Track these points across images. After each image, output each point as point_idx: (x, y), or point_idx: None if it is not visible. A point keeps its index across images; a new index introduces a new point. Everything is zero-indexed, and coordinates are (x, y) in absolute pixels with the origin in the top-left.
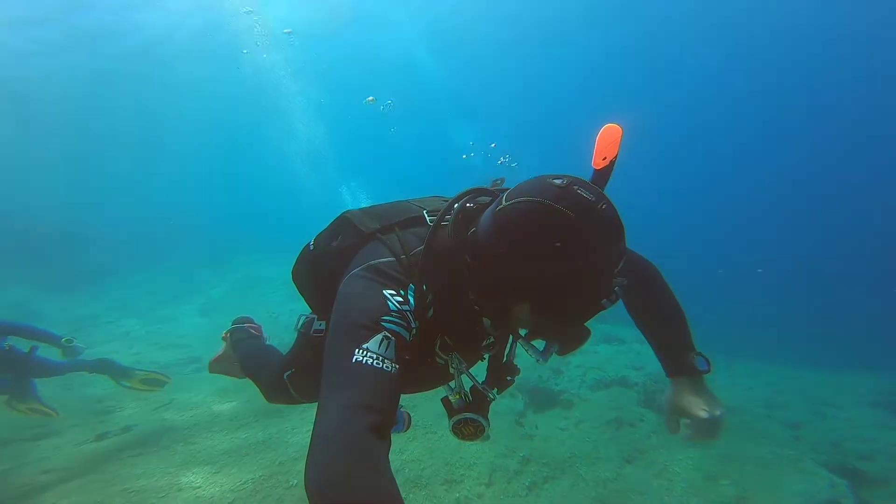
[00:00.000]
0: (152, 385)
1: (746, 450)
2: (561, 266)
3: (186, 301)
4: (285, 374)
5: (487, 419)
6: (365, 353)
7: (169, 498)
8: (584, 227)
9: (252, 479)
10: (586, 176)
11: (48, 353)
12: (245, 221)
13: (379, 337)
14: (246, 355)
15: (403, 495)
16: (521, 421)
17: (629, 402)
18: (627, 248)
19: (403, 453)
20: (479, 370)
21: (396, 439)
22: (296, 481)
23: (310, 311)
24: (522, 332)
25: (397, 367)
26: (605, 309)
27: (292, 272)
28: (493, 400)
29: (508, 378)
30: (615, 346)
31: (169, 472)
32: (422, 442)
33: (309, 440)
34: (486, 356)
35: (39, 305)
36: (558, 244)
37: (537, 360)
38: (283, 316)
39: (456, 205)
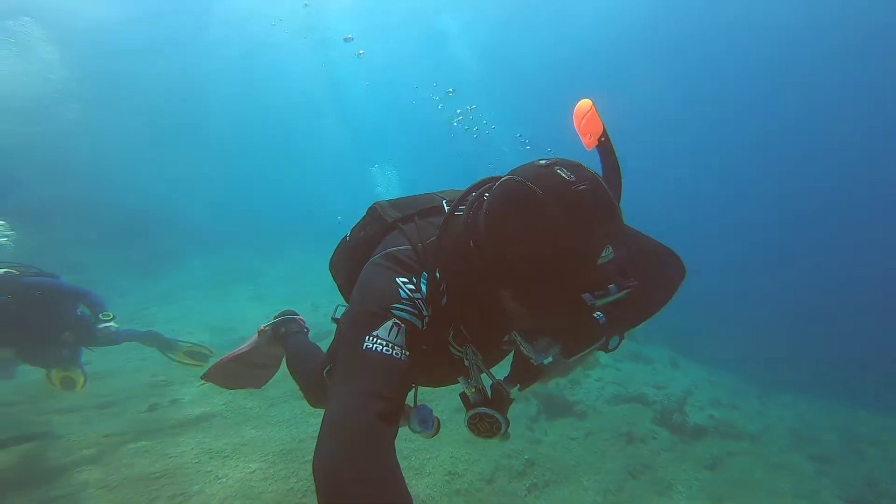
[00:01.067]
0: (196, 358)
1: (761, 478)
2: (528, 247)
3: (240, 287)
4: (325, 371)
5: (506, 418)
6: (375, 340)
7: (201, 464)
8: (551, 207)
9: (273, 452)
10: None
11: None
12: (296, 215)
13: (389, 324)
14: (294, 353)
15: (405, 481)
16: (531, 426)
17: (643, 419)
18: (657, 242)
19: (413, 441)
20: (503, 369)
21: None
22: (310, 457)
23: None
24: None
25: (407, 354)
26: (591, 306)
27: (330, 263)
28: (514, 400)
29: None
30: (640, 364)
31: (204, 441)
32: None
33: None
34: (512, 352)
35: (116, 285)
36: (525, 223)
37: (531, 359)
38: (322, 307)
39: (474, 193)
